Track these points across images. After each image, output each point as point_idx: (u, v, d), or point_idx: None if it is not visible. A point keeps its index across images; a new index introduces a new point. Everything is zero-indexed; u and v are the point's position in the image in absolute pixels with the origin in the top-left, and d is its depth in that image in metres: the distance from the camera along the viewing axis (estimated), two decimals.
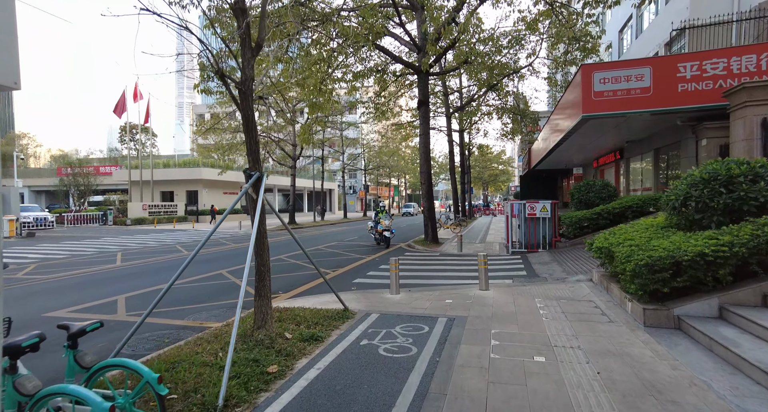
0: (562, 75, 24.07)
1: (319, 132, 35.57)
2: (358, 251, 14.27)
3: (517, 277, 8.60)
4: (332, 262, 11.58)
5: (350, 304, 6.23)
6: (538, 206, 12.35)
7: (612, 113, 12.22)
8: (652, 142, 15.54)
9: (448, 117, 27.78)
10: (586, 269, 8.52)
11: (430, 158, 15.97)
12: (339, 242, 17.48)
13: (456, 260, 11.51)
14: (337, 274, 9.68)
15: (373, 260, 11.87)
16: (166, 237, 20.70)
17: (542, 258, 10.90)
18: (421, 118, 15.75)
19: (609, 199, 12.54)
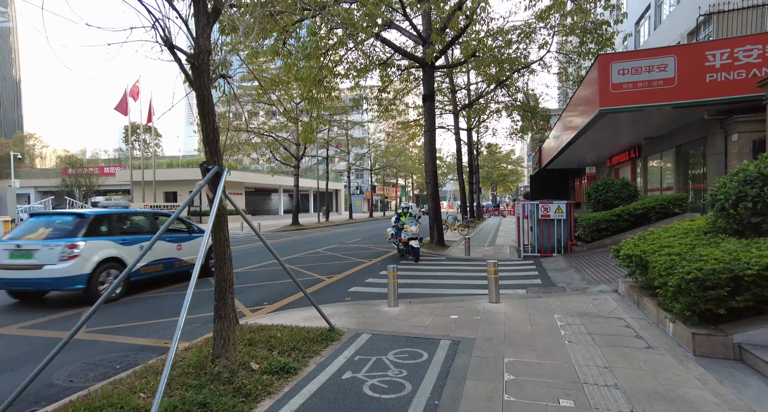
0: (575, 69, 23.04)
1: (324, 131, 34.86)
2: (360, 254, 13.45)
3: (531, 286, 7.71)
4: (329, 267, 10.77)
5: (339, 320, 5.41)
6: (553, 207, 11.43)
7: (631, 107, 11.29)
8: (674, 138, 14.51)
9: (456, 115, 26.87)
10: (609, 277, 7.60)
11: (436, 157, 15.11)
12: (340, 245, 16.68)
13: (463, 266, 10.63)
14: (332, 281, 8.86)
15: (373, 265, 11.05)
16: None
17: (558, 264, 9.97)
18: (426, 113, 14.90)
19: (629, 200, 11.58)
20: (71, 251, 6.90)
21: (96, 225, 7.55)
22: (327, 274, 9.69)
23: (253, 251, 14.89)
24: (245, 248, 15.68)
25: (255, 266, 11.21)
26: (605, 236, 11.06)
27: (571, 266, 9.34)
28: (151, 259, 8.14)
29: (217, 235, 3.73)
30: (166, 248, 8.60)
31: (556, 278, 8.33)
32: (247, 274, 9.91)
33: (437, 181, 15.15)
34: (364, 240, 18.65)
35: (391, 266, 6.36)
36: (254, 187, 45.87)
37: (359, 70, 14.62)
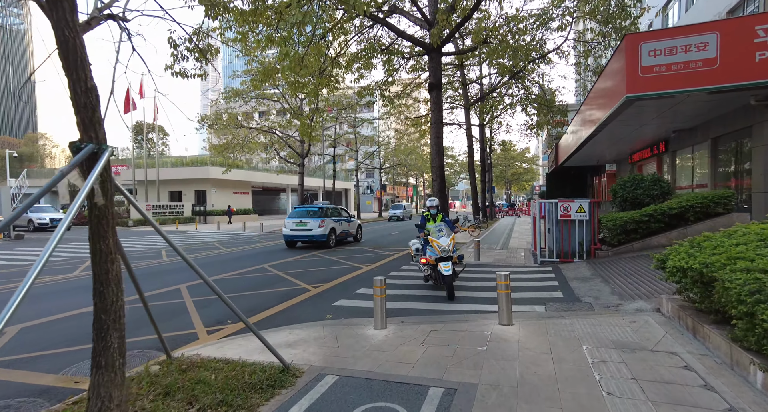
0: (595, 59, 21.49)
1: (330, 128, 33.82)
2: (358, 258, 12.29)
3: (551, 301, 6.44)
4: (321, 274, 9.62)
5: (305, 351, 4.25)
6: (574, 206, 10.09)
7: (664, 93, 9.92)
8: (710, 129, 13.00)
9: (467, 109, 25.53)
10: (645, 291, 6.28)
11: (443, 151, 13.86)
12: (342, 247, 15.54)
13: (471, 273, 9.38)
14: (318, 291, 7.71)
15: (370, 271, 9.86)
16: (160, 240, 19.21)
17: (580, 271, 8.65)
18: (432, 104, 13.65)
19: (662, 198, 10.17)
20: (322, 223, 15.20)
21: (326, 212, 16.02)
22: (315, 282, 8.54)
23: (246, 253, 13.86)
24: (240, 250, 14.66)
25: (241, 271, 10.13)
26: (634, 240, 9.68)
27: (596, 275, 8.01)
28: (340, 230, 16.31)
29: (96, 246, 2.57)
30: (343, 224, 16.81)
31: (580, 290, 7.03)
32: (228, 281, 8.83)
33: (444, 178, 13.90)
34: (367, 242, 17.49)
35: (378, 279, 5.18)
36: (261, 187, 45.12)
37: (361, 58, 13.47)
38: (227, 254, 13.92)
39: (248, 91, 27.04)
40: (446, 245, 7.11)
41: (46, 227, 24.51)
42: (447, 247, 7.09)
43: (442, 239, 7.21)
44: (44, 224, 24.43)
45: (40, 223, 24.28)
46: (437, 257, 7.10)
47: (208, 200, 35.18)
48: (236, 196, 37.98)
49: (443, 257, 7.06)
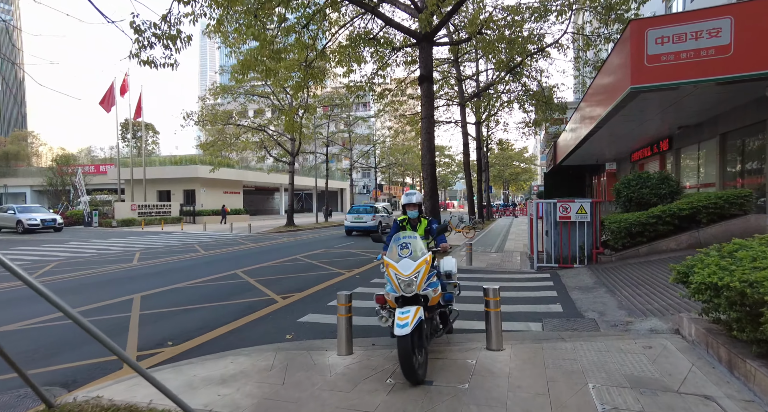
0: (595, 53, 20.67)
1: (323, 125, 32.93)
2: (342, 262, 11.40)
3: (549, 316, 5.57)
4: (295, 281, 8.73)
5: (238, 393, 3.35)
6: (574, 207, 9.23)
7: (672, 83, 9.09)
8: (718, 125, 12.19)
9: (462, 106, 24.68)
10: (658, 305, 5.41)
11: (435, 148, 13.00)
12: (326, 250, 14.66)
13: (463, 280, 8.50)
14: (287, 303, 6.82)
15: (351, 279, 8.98)
16: (139, 241, 18.29)
17: (582, 279, 7.79)
18: (423, 97, 12.77)
19: (670, 198, 9.32)
20: (374, 217, 20.46)
21: (376, 210, 21.51)
22: (286, 292, 7.65)
23: (224, 256, 12.95)
24: (218, 254, 13.75)
25: (208, 278, 9.24)
26: (640, 243, 8.83)
27: (599, 284, 7.15)
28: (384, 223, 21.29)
29: None
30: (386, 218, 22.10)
31: (583, 302, 6.16)
32: (189, 290, 7.93)
33: (436, 176, 13.03)
34: (356, 244, 16.62)
35: (343, 294, 4.32)
36: (254, 186, 44.22)
37: (347, 48, 12.59)
38: (203, 257, 13.02)
39: (236, 87, 26.12)
40: (408, 273, 3.68)
41: (36, 228, 23.20)
42: (410, 277, 3.67)
43: (403, 262, 3.80)
44: (35, 225, 23.08)
45: (30, 224, 22.93)
46: (396, 296, 3.79)
47: (197, 200, 34.23)
48: (227, 196, 37.03)
49: (406, 298, 3.71)
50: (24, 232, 22.92)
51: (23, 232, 22.92)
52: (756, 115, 10.30)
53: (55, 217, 24.36)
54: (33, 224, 23.09)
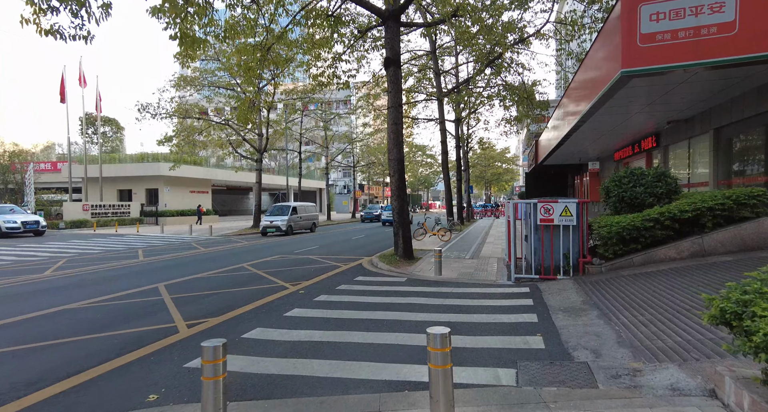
0: (578, 44, 19.58)
1: (295, 120, 31.18)
2: (293, 272, 9.79)
3: (526, 356, 4.12)
4: (221, 299, 7.12)
5: None
6: (558, 208, 7.86)
7: (669, 66, 7.83)
8: (712, 118, 11.07)
9: (440, 101, 23.31)
10: (674, 341, 3.99)
11: (403, 141, 11.53)
12: (284, 256, 13.04)
13: (424, 297, 7.02)
14: (189, 334, 5.21)
15: (292, 295, 7.40)
16: (76, 247, 16.32)
17: (567, 296, 6.40)
18: (389, 83, 11.30)
19: (667, 198, 8.04)
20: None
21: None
22: (200, 315, 6.04)
23: (158, 265, 11.20)
24: (155, 261, 11.98)
25: (113, 295, 7.54)
26: (634, 251, 7.51)
27: (589, 304, 5.75)
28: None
29: None
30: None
31: (571, 332, 4.73)
32: (73, 315, 6.25)
33: (404, 173, 11.56)
34: (321, 248, 15.03)
35: (210, 347, 2.77)
36: (225, 186, 42.13)
37: (300, 23, 11.01)
38: (136, 266, 11.25)
39: (197, 79, 24.23)
40: None
41: (16, 232, 20.18)
42: None
43: None
44: (14, 228, 20.03)
45: (9, 227, 19.93)
46: None
47: (160, 200, 32.05)
48: (194, 196, 34.90)
49: None
50: (0, 236, 19.80)
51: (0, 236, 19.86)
52: (755, 108, 9.15)
53: (38, 219, 21.19)
54: (12, 228, 19.94)
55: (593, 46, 10.19)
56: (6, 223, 19.94)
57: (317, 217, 25.05)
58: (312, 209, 24.60)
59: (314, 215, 24.50)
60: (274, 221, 20.87)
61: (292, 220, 21.52)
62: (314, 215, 24.43)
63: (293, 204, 22.20)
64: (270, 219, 21.10)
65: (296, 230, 22.14)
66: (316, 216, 24.83)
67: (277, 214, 21.55)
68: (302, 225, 22.70)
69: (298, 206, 22.56)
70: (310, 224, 23.62)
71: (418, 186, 74.43)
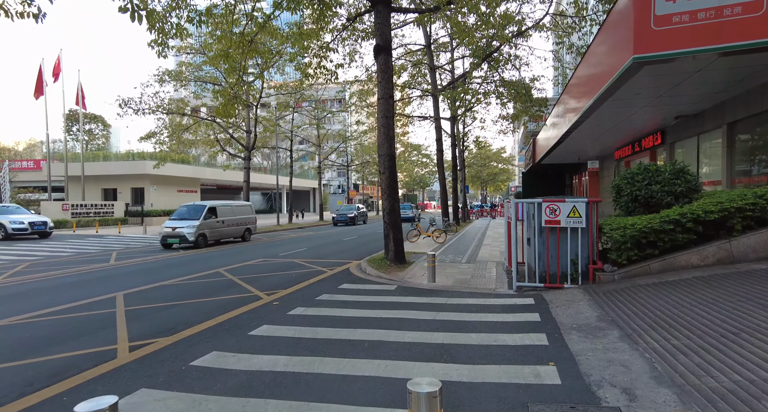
0: (579, 38, 18.79)
1: (286, 117, 30.24)
2: (271, 278, 8.88)
3: (538, 395, 3.25)
4: (183, 312, 6.20)
5: None
6: (565, 209, 7.00)
7: (687, 51, 7.02)
8: (725, 112, 10.28)
9: (435, 97, 22.46)
10: (731, 380, 3.15)
11: (394, 135, 10.66)
12: (267, 259, 12.13)
13: (417, 308, 6.14)
14: (130, 359, 4.31)
15: (265, 307, 6.50)
16: (44, 249, 15.32)
17: (579, 309, 5.54)
18: (379, 73, 10.42)
19: (687, 197, 7.21)
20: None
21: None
22: (152, 334, 5.12)
23: (141, 267, 10.25)
24: (129, 265, 11.03)
25: (68, 306, 6.61)
26: (651, 256, 6.67)
27: (607, 320, 4.90)
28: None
29: None
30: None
31: (590, 359, 3.87)
32: (28, 328, 5.32)
33: (395, 170, 10.68)
34: (308, 251, 14.12)
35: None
36: (215, 185, 41.08)
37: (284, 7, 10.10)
38: (104, 270, 10.29)
39: (182, 74, 23.24)
40: None
41: (24, 233, 18.77)
42: None
43: None
44: (21, 229, 18.57)
45: (16, 228, 18.46)
46: None
47: (146, 199, 30.99)
48: (182, 195, 33.84)
49: None
50: (5, 238, 18.35)
51: (4, 238, 18.35)
52: None
53: (45, 219, 19.74)
54: (19, 229, 18.44)
55: (598, 36, 9.42)
56: (13, 223, 18.40)
57: (253, 220, 19.27)
58: (245, 209, 18.86)
59: (247, 218, 18.75)
60: (177, 228, 15.12)
61: (207, 226, 15.82)
62: (247, 219, 18.71)
63: (211, 203, 16.51)
64: (172, 225, 15.35)
65: (214, 239, 16.39)
66: (252, 219, 19.12)
67: (184, 217, 15.88)
68: (226, 232, 17.03)
69: (220, 206, 16.86)
70: (240, 231, 17.94)
71: (414, 186, 73.71)
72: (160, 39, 10.06)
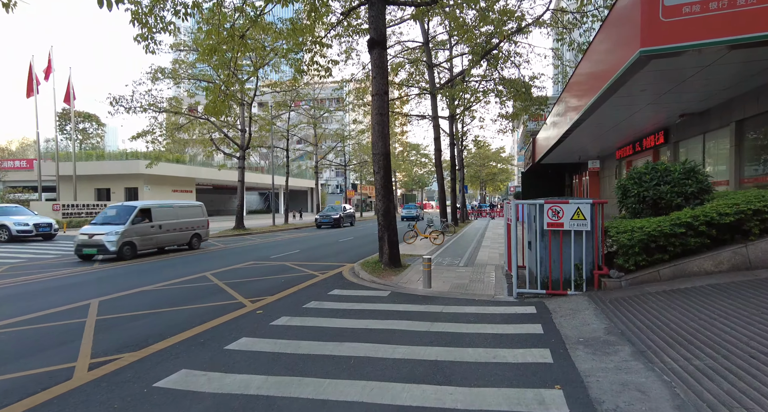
0: (580, 34, 18.38)
1: (281, 116, 29.78)
2: (259, 283, 8.44)
3: None
4: (156, 322, 5.76)
5: None
6: (568, 211, 6.57)
7: (698, 43, 6.61)
8: (733, 110, 9.88)
9: (433, 96, 22.02)
10: None
11: (389, 133, 10.22)
12: (257, 262, 11.69)
13: (410, 318, 5.70)
14: (100, 374, 3.87)
15: (247, 316, 6.06)
16: (32, 250, 14.85)
17: (585, 320, 5.11)
18: (373, 68, 9.97)
19: (700, 198, 6.78)
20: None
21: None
22: (119, 348, 4.68)
23: (123, 270, 9.79)
24: (122, 266, 10.57)
25: (52, 311, 6.16)
26: (660, 261, 6.24)
27: (617, 334, 4.46)
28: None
29: None
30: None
31: (601, 384, 3.43)
32: None
33: (390, 170, 10.25)
34: (301, 252, 13.68)
35: None
36: (211, 185, 40.59)
37: None
38: (81, 275, 9.84)
39: (177, 71, 22.77)
40: None
41: (29, 236, 17.81)
42: None
43: None
44: (26, 231, 17.62)
45: (21, 230, 17.49)
46: None
47: (140, 199, 30.50)
48: (177, 195, 33.38)
49: None
50: (9, 240, 17.41)
51: (8, 240, 17.38)
52: None
53: (50, 221, 18.86)
54: (23, 231, 17.50)
55: (601, 31, 9.02)
56: (17, 225, 17.46)
57: (204, 224, 16.09)
58: (193, 211, 15.66)
59: (195, 221, 15.55)
60: (96, 235, 12.14)
61: (137, 232, 12.88)
62: (195, 222, 15.52)
63: (143, 204, 13.71)
64: (90, 231, 12.39)
65: (148, 248, 13.52)
66: (203, 222, 15.96)
67: (108, 221, 12.90)
68: (164, 240, 14.09)
69: (156, 208, 13.91)
70: (185, 238, 14.96)
71: (413, 186, 73.27)
72: (146, 33, 9.62)
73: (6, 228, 17.48)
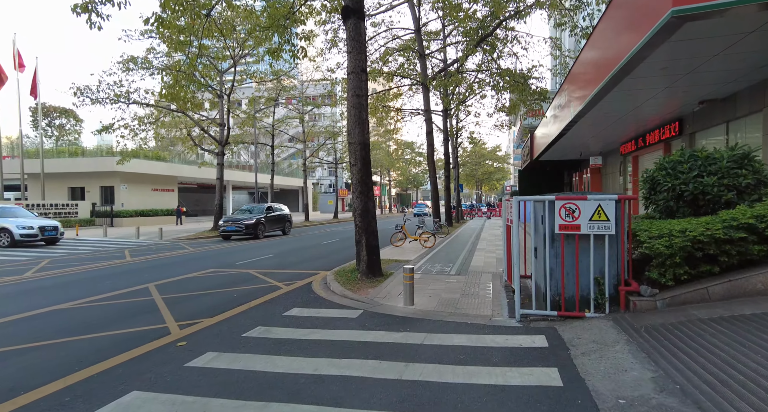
0: (583, 18, 16.94)
1: (264, 110, 28.17)
2: (205, 299, 6.86)
3: None
4: (55, 354, 4.21)
5: None
6: (586, 209, 5.08)
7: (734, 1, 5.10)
8: (764, 94, 8.46)
9: (425, 87, 20.50)
10: None
11: (368, 119, 8.69)
12: (218, 269, 10.13)
13: (380, 355, 4.18)
14: None
15: (162, 350, 4.51)
16: None
17: (619, 364, 3.61)
18: (349, 42, 8.44)
19: (758, 193, 5.31)
20: None
21: None
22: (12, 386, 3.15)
23: (54, 281, 8.20)
24: (59, 274, 8.97)
25: None
26: (706, 274, 4.78)
27: (673, 392, 2.98)
28: None
29: None
30: None
31: None
32: None
33: (369, 161, 8.73)
34: (274, 258, 12.13)
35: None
36: (195, 183, 38.86)
37: None
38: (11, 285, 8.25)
39: (149, 59, 21.14)
40: None
41: (33, 240, 16.20)
42: None
43: None
44: (30, 235, 16.01)
45: (25, 234, 15.89)
46: None
47: (116, 198, 28.80)
48: (157, 194, 31.65)
49: None
50: (11, 245, 15.72)
51: (10, 245, 15.69)
52: None
53: (56, 224, 17.23)
54: (28, 235, 15.89)
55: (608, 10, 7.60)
56: (20, 229, 15.82)
57: None
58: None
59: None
60: None
61: None
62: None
63: None
64: None
65: None
66: None
67: None
68: None
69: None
70: None
71: (407, 185, 71.82)
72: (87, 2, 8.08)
73: (8, 232, 15.65)
